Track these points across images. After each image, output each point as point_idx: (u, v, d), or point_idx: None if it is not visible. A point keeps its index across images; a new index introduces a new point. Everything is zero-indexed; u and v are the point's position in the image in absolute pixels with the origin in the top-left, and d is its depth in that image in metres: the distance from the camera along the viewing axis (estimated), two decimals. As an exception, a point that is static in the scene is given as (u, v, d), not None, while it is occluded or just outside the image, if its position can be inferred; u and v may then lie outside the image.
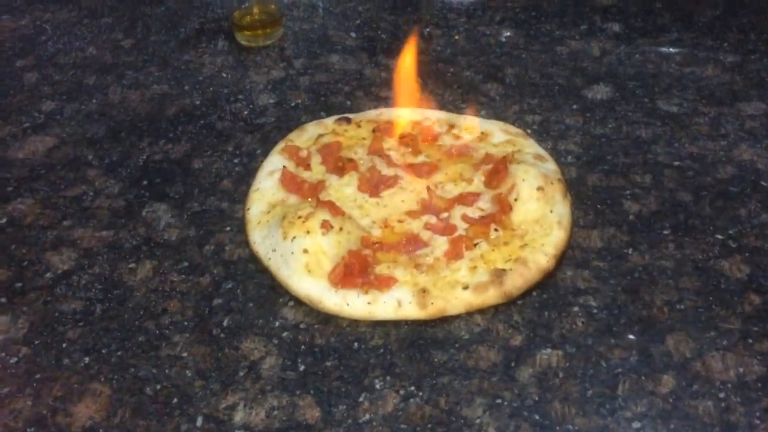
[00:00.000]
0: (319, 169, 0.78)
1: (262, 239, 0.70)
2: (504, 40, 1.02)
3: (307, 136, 0.82)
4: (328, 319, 0.64)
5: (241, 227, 0.73)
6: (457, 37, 1.03)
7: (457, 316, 0.65)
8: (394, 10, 1.08)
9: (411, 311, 0.64)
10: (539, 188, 0.72)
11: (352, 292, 0.65)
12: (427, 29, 1.04)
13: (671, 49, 0.98)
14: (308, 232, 0.67)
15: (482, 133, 0.83)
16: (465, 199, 0.74)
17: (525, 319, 0.64)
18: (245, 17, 0.99)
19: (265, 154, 0.81)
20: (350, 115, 0.85)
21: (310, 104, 0.90)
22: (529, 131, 0.85)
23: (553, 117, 0.88)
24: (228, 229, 0.73)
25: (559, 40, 1.01)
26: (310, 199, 0.74)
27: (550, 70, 0.96)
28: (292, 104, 0.90)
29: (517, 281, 0.66)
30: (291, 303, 0.66)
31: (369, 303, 0.64)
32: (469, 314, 0.65)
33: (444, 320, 0.64)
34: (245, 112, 0.89)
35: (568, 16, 1.06)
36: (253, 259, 0.70)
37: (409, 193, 0.75)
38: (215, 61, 0.98)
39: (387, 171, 0.77)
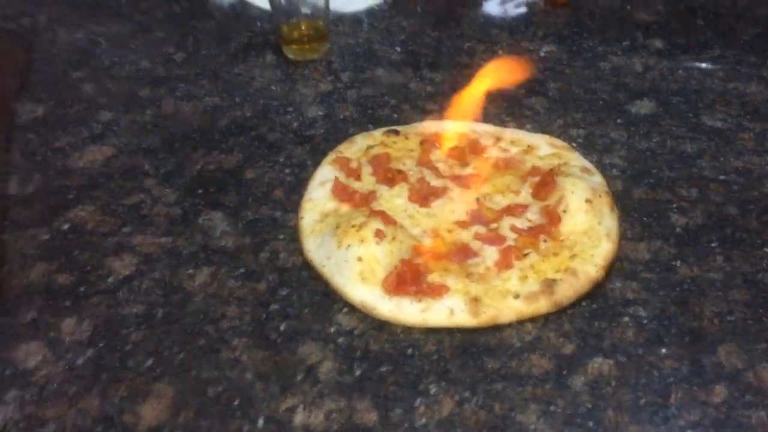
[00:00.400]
0: (370, 179, 0.80)
1: (316, 247, 0.72)
2: (546, 55, 1.03)
3: (357, 147, 0.84)
4: (381, 325, 0.66)
5: (294, 236, 0.75)
6: (499, 52, 1.04)
7: (508, 325, 0.66)
8: (437, 26, 1.11)
9: (463, 319, 0.66)
10: (587, 200, 0.73)
11: (406, 299, 0.66)
12: (469, 44, 1.06)
13: (714, 66, 0.99)
14: (362, 240, 0.69)
15: (528, 146, 0.84)
16: (513, 210, 0.75)
17: (575, 328, 0.65)
18: (293, 32, 1.02)
19: (316, 165, 0.83)
20: (398, 128, 0.87)
21: (357, 117, 0.92)
22: (574, 144, 0.86)
23: (597, 131, 0.89)
24: (281, 237, 0.75)
25: (602, 56, 1.03)
26: (362, 209, 0.75)
27: (594, 85, 0.97)
28: (341, 116, 0.92)
29: (567, 291, 0.67)
30: (345, 309, 0.67)
31: (422, 311, 0.66)
32: (520, 323, 0.66)
33: (495, 328, 0.65)
34: (295, 124, 0.91)
35: (610, 32, 1.08)
36: (307, 266, 0.72)
37: (458, 204, 0.77)
38: (264, 75, 1.00)
39: (436, 182, 0.79)
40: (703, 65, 0.99)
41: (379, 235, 0.69)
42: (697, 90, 0.95)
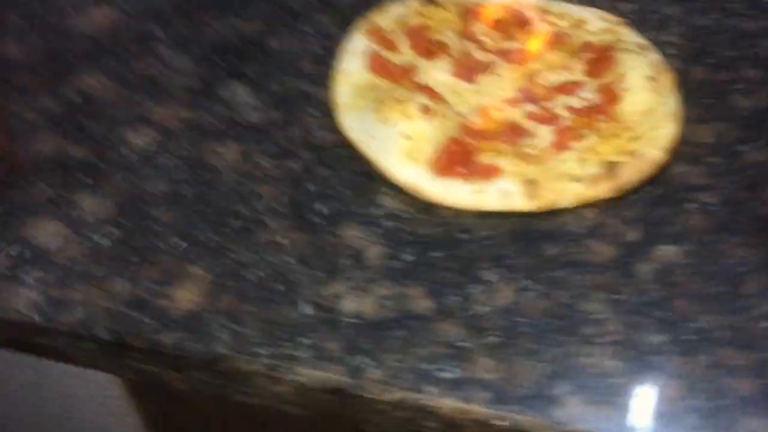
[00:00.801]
0: (408, 52, 0.73)
1: (356, 124, 0.66)
2: None
3: (391, 17, 0.76)
4: (430, 208, 0.61)
5: (327, 111, 0.69)
6: None
7: (567, 209, 0.61)
8: None
9: (519, 202, 0.61)
10: (650, 78, 0.67)
11: (456, 180, 0.61)
12: None
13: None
14: (409, 116, 0.63)
15: (577, 20, 0.77)
16: (567, 88, 0.69)
17: (639, 213, 0.61)
18: None
19: (344, 34, 0.75)
20: (436, -3, 0.79)
21: (387, -18, 0.83)
22: (626, 19, 0.79)
23: (650, 6, 0.81)
24: (314, 112, 0.69)
25: None
26: (403, 82, 0.69)
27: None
28: (369, -17, 0.83)
29: (630, 174, 0.62)
30: (391, 191, 0.62)
31: (474, 192, 0.61)
32: (580, 207, 0.61)
33: (553, 213, 0.61)
34: (322, -10, 0.82)
35: None
36: (345, 144, 0.66)
37: (507, 81, 0.70)
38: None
39: (481, 56, 0.72)
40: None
41: (426, 110, 0.63)
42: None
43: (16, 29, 0.75)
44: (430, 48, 0.72)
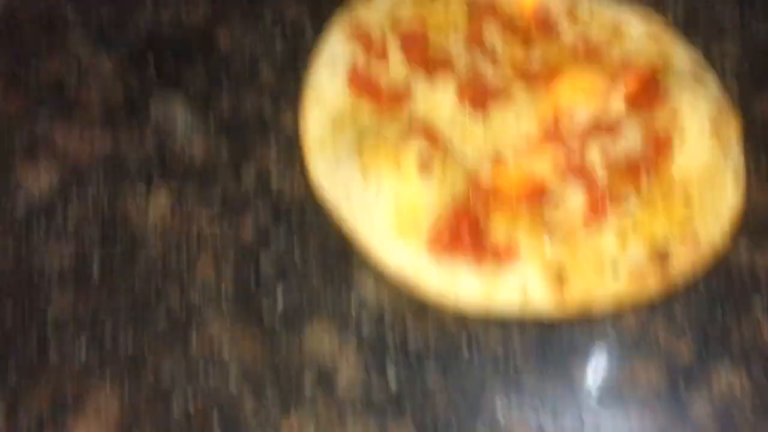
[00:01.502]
0: (399, 63, 0.55)
1: (328, 170, 0.49)
2: None
3: (378, 10, 0.58)
4: (425, 306, 0.45)
5: (292, 143, 0.51)
6: None
7: (603, 313, 0.46)
8: None
9: (542, 302, 0.46)
10: (713, 121, 0.50)
11: (461, 265, 0.45)
12: None
13: None
14: (400, 172, 0.46)
15: (614, 24, 0.59)
16: (603, 126, 0.53)
17: (692, 319, 0.46)
18: None
19: (317, 30, 0.57)
20: (434, -18, 0.60)
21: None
22: (670, 21, 0.61)
23: (700, 6, 0.64)
24: (273, 143, 0.51)
25: None
26: (394, 113, 0.51)
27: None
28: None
29: (684, 265, 0.47)
30: (372, 276, 0.46)
31: (485, 284, 0.45)
32: (618, 310, 0.46)
33: (584, 317, 0.46)
34: (284, -40, 0.63)
35: None
36: (313, 200, 0.49)
37: (526, 112, 0.53)
38: None
39: (492, 73, 0.55)
40: None
41: (423, 163, 0.46)
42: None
43: None
44: (429, 61, 0.54)
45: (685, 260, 0.47)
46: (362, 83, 0.53)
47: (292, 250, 0.47)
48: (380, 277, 0.46)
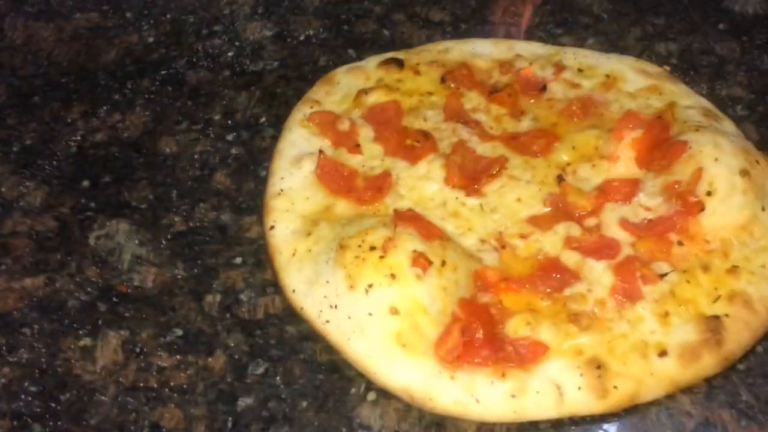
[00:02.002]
0: (375, 150, 0.53)
1: (306, 285, 0.46)
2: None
3: (342, 93, 0.57)
4: (441, 420, 0.41)
5: (259, 255, 0.49)
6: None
7: (654, 403, 0.42)
8: None
9: (582, 403, 0.42)
10: (743, 172, 0.49)
11: (480, 375, 0.42)
12: None
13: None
14: (393, 276, 0.43)
15: (607, 75, 0.59)
16: (616, 191, 0.51)
17: (758, 396, 0.43)
18: None
19: (274, 122, 0.56)
20: (399, 54, 0.60)
21: (327, 37, 0.64)
22: (668, 68, 0.61)
23: (696, 44, 0.65)
24: (239, 261, 0.49)
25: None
26: (375, 205, 0.49)
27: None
28: (301, 37, 0.64)
29: (741, 334, 0.44)
30: (372, 397, 0.42)
31: (513, 396, 0.41)
32: (671, 395, 0.43)
33: (632, 409, 0.42)
34: (230, 54, 0.63)
35: None
36: (292, 313, 0.46)
37: (526, 185, 0.51)
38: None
39: (483, 148, 0.53)
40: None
41: (420, 263, 0.44)
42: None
43: None
44: (406, 143, 0.53)
45: (740, 328, 0.44)
46: (333, 179, 0.51)
47: (276, 384, 0.43)
48: (383, 397, 0.42)
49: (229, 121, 0.57)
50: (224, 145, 0.56)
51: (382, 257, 0.44)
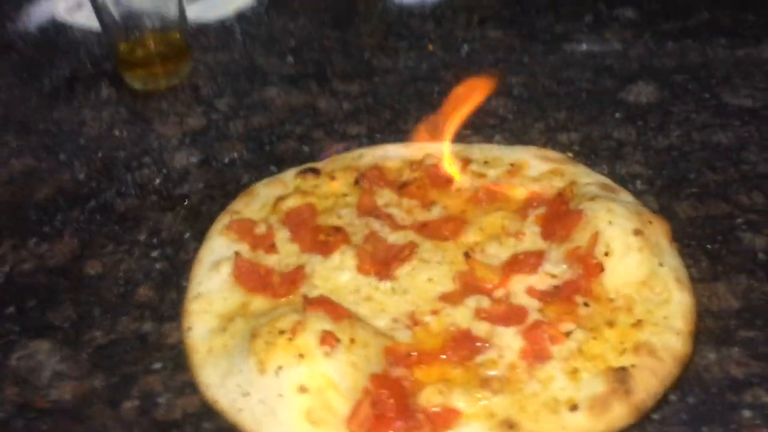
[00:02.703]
0: (291, 249, 0.55)
1: (221, 378, 0.46)
2: (493, 44, 0.83)
3: (260, 202, 0.60)
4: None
5: (179, 361, 0.49)
6: (430, 47, 0.83)
7: (572, 459, 0.42)
8: (338, 24, 0.88)
9: (499, 465, 0.42)
10: (636, 232, 0.51)
11: (394, 447, 0.42)
12: (385, 41, 0.85)
13: (710, 31, 0.82)
14: (302, 355, 0.44)
15: (511, 164, 0.62)
16: (523, 263, 0.53)
17: (679, 443, 0.43)
18: (136, 50, 0.76)
19: (199, 237, 0.58)
20: (316, 164, 0.63)
21: (251, 158, 0.68)
22: (570, 154, 0.65)
23: (595, 132, 0.69)
24: (158, 366, 0.49)
25: (564, 37, 0.84)
26: (288, 298, 0.51)
27: (567, 73, 0.77)
28: (225, 160, 0.68)
29: (648, 382, 0.45)
30: (291, 483, 0.42)
31: (427, 463, 0.41)
32: (589, 451, 0.43)
33: (551, 470, 0.42)
34: (157, 181, 0.66)
35: (563, 7, 0.89)
36: (210, 413, 0.46)
37: (436, 266, 0.53)
38: (100, 116, 0.74)
39: (394, 237, 0.56)
40: (698, 32, 0.82)
41: (328, 341, 0.45)
42: (702, 63, 0.77)
43: None
44: (320, 239, 0.55)
45: (647, 376, 0.45)
46: (250, 278, 0.52)
47: (191, 478, 0.43)
48: (300, 483, 0.42)
49: (154, 240, 0.59)
50: (148, 261, 0.57)
51: (290, 339, 0.45)
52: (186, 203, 0.62)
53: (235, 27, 0.89)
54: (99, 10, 0.72)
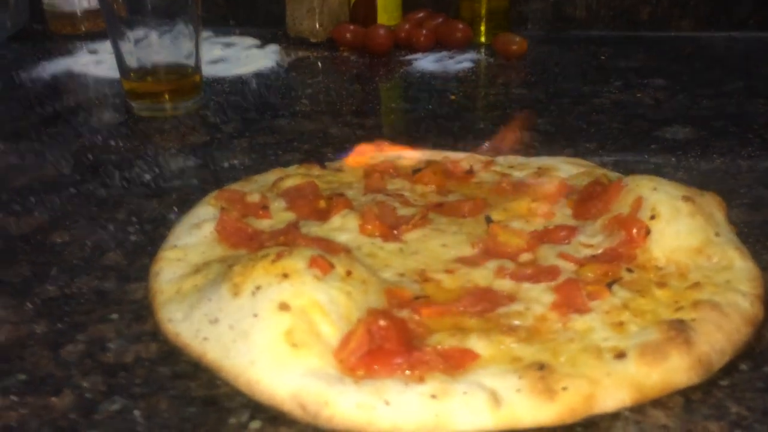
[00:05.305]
0: (285, 216, 0.49)
1: (186, 311, 0.39)
2: (518, 97, 0.80)
3: (258, 184, 0.54)
4: (344, 439, 0.31)
5: (140, 312, 0.41)
6: (452, 97, 0.80)
7: (615, 414, 0.33)
8: (358, 80, 0.87)
9: (525, 407, 0.33)
10: (686, 198, 0.44)
11: (392, 380, 0.33)
12: (408, 93, 0.82)
13: (747, 94, 0.79)
14: (286, 275, 0.36)
15: (539, 168, 0.57)
16: (554, 235, 0.46)
17: (750, 407, 0.34)
18: (146, 81, 0.73)
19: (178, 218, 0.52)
20: (325, 164, 0.58)
21: (252, 164, 0.63)
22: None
23: (630, 156, 0.64)
24: (114, 317, 0.42)
25: (592, 94, 0.80)
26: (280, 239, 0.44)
27: (596, 118, 0.73)
28: (224, 165, 0.63)
29: (712, 336, 0.36)
30: (257, 425, 0.33)
31: (433, 396, 0.32)
32: (636, 408, 0.34)
33: (590, 422, 0.33)
34: (146, 176, 0.60)
35: (592, 75, 0.87)
36: (168, 357, 0.37)
37: (452, 236, 0.46)
38: (98, 131, 0.70)
39: (403, 211, 0.49)
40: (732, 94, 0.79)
41: (320, 264, 0.37)
42: (741, 114, 0.73)
43: None
44: (319, 207, 0.48)
45: (711, 330, 0.36)
46: (234, 234, 0.46)
47: (132, 419, 0.34)
48: (270, 424, 0.33)
49: (133, 218, 0.53)
50: (122, 234, 0.51)
51: (273, 261, 0.37)
52: (174, 196, 0.56)
53: (251, 80, 0.87)
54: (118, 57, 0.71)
